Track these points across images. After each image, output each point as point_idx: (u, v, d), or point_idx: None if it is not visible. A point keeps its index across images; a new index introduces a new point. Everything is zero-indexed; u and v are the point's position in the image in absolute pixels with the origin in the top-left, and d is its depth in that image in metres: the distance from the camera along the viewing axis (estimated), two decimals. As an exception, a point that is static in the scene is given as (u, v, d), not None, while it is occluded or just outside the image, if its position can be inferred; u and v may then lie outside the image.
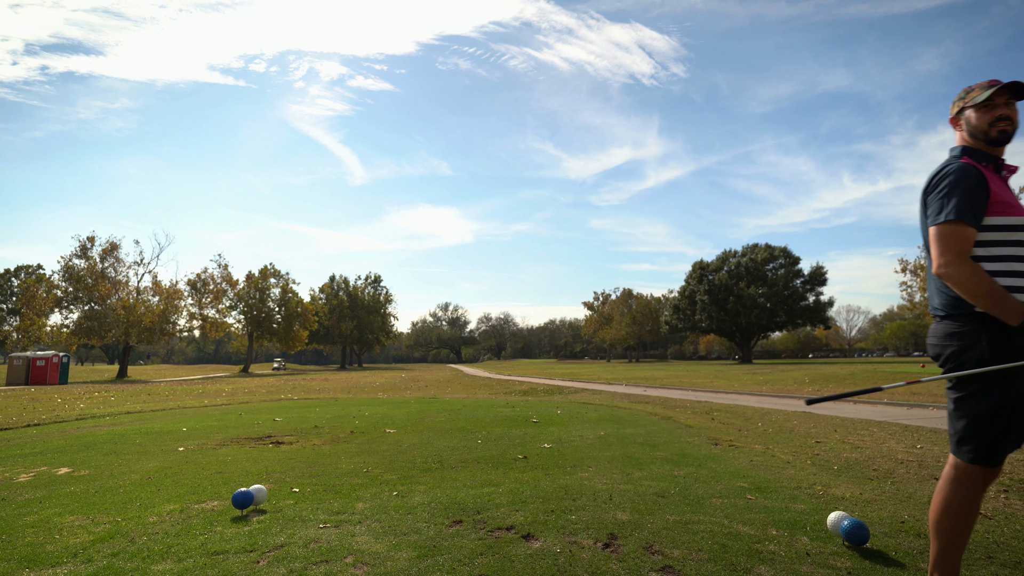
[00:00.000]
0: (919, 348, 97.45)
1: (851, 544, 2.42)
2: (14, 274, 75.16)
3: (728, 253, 62.01)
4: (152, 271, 46.56)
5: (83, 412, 11.45)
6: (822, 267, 57.25)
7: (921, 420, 7.87)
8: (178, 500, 3.47)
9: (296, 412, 10.29)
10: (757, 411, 9.43)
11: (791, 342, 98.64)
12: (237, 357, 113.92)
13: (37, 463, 5.05)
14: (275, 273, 62.25)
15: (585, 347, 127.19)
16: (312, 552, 2.45)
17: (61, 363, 32.25)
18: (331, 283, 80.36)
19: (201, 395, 18.36)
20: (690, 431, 6.59)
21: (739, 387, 17.41)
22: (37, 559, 2.43)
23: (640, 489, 3.59)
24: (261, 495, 3.17)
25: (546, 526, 2.81)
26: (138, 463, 4.92)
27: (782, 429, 6.78)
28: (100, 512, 3.22)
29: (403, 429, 7.16)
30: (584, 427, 7.13)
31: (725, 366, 42.53)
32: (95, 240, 43.24)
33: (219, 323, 52.21)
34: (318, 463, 4.74)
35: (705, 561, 2.29)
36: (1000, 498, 3.31)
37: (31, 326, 41.14)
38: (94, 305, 41.87)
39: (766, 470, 4.19)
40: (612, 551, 2.45)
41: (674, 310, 64.80)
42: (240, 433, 7.03)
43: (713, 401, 12.24)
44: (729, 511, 3.04)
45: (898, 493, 3.46)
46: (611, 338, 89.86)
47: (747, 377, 22.51)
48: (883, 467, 4.31)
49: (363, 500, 3.39)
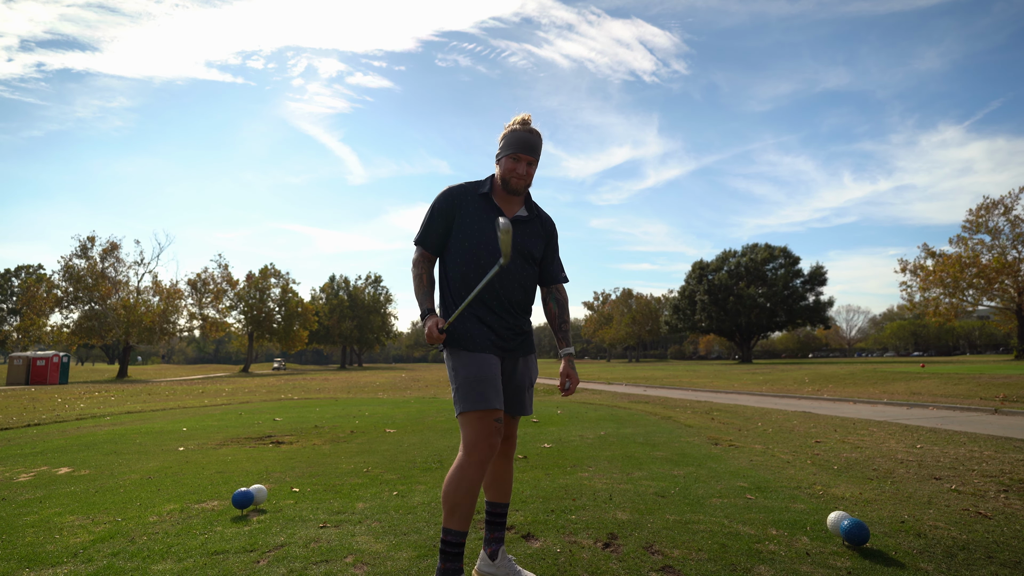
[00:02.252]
0: (919, 348, 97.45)
1: (851, 544, 2.42)
2: (14, 274, 75.20)
3: (728, 253, 62.00)
4: (152, 271, 46.61)
5: (83, 412, 11.45)
6: (822, 267, 57.27)
7: (921, 420, 7.87)
8: (178, 500, 3.47)
9: (296, 412, 10.29)
10: (757, 411, 9.43)
11: (791, 342, 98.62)
12: (237, 357, 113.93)
13: (37, 463, 5.06)
14: (275, 273, 62.25)
15: (585, 347, 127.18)
16: (312, 552, 2.45)
17: (61, 363, 32.26)
18: (331, 283, 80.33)
19: (201, 395, 18.37)
20: (690, 431, 6.59)
21: (739, 387, 17.41)
22: (37, 559, 2.43)
23: (640, 489, 3.60)
24: (261, 495, 3.17)
25: (546, 526, 2.81)
26: (138, 463, 4.92)
27: (782, 429, 6.79)
28: (100, 512, 3.22)
29: (403, 429, 7.16)
30: (584, 427, 7.13)
31: (725, 366, 42.53)
32: (95, 240, 43.26)
33: (219, 323, 52.22)
34: (318, 463, 4.74)
35: (705, 561, 2.29)
36: (1000, 498, 3.31)
37: (31, 326, 41.13)
38: (94, 305, 41.88)
39: (766, 470, 4.19)
40: (612, 551, 2.45)
41: (674, 310, 64.80)
42: (240, 433, 7.03)
43: (713, 401, 12.24)
44: (729, 511, 3.04)
45: (898, 493, 3.46)
46: (611, 338, 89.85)
47: (747, 377, 22.51)
48: (883, 467, 4.31)
49: (363, 500, 3.39)
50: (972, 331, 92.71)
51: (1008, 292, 38.72)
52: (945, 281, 40.01)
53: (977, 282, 39.06)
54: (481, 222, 2.10)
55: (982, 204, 39.23)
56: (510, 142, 2.09)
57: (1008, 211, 38.13)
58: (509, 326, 2.10)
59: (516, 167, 2.08)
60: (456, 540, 1.93)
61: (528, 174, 2.10)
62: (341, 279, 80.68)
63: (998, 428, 6.77)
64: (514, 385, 2.14)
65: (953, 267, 39.11)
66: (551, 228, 2.29)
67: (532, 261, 2.19)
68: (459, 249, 2.10)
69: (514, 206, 2.17)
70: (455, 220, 2.12)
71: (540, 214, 2.26)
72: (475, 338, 2.03)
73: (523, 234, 2.15)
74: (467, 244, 2.08)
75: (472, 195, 2.14)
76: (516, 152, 2.07)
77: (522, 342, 2.17)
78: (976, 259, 38.65)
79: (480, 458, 1.93)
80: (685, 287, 63.28)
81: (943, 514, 2.97)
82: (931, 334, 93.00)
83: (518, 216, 2.15)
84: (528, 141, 2.08)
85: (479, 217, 2.10)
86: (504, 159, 2.10)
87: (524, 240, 2.14)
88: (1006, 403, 9.66)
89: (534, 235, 2.19)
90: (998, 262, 37.59)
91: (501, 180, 2.13)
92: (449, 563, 1.93)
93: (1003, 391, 11.62)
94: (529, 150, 2.08)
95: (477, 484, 1.93)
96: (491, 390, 1.97)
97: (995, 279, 38.08)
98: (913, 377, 16.45)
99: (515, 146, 2.07)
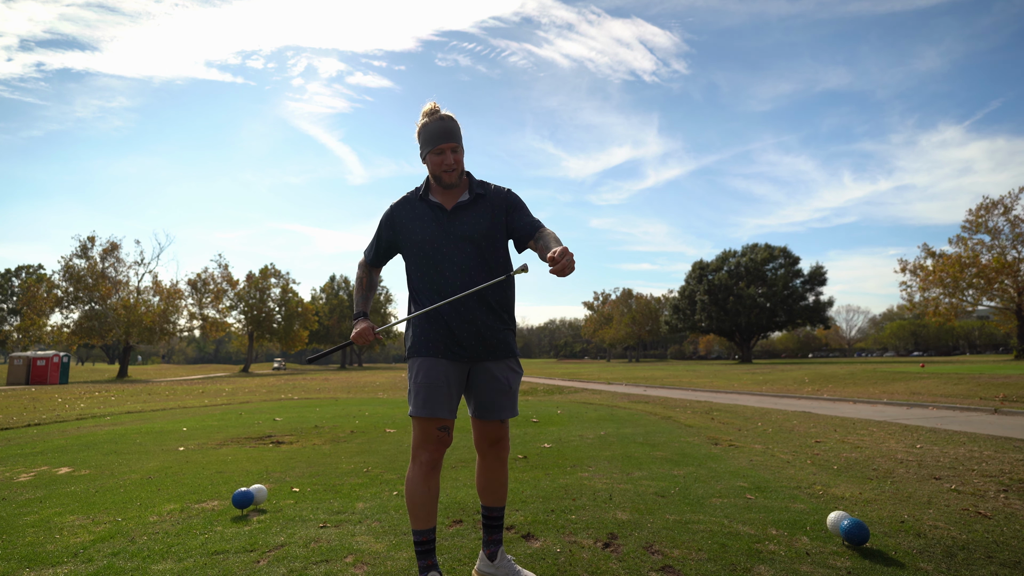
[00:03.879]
0: (919, 348, 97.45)
1: (851, 544, 2.42)
2: (14, 274, 75.20)
3: (728, 253, 62.01)
4: (152, 271, 46.59)
5: (83, 412, 11.45)
6: (822, 267, 57.29)
7: (921, 420, 7.87)
8: (178, 500, 3.48)
9: (296, 412, 10.29)
10: (757, 411, 9.43)
11: (791, 342, 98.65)
12: (237, 357, 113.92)
13: (37, 463, 5.06)
14: (275, 273, 62.24)
15: (585, 347, 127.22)
16: (312, 552, 2.46)
17: (61, 363, 32.26)
18: (331, 283, 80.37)
19: (201, 395, 18.37)
20: (690, 431, 6.59)
21: (739, 387, 17.41)
22: (37, 559, 2.43)
23: (640, 489, 3.60)
24: (261, 495, 3.17)
25: (546, 526, 2.81)
26: (138, 463, 4.92)
27: (782, 429, 6.79)
28: (100, 512, 3.23)
29: (403, 429, 7.16)
30: (584, 427, 7.13)
31: (725, 366, 42.53)
32: (95, 240, 43.25)
33: (219, 323, 52.21)
34: (318, 463, 4.74)
35: (705, 561, 2.30)
36: (1000, 498, 3.31)
37: (32, 326, 41.13)
38: (94, 305, 41.88)
39: (766, 470, 4.19)
40: (612, 551, 2.45)
41: (674, 310, 64.79)
42: (240, 433, 7.03)
43: (713, 401, 12.24)
44: (729, 511, 3.04)
45: (898, 493, 3.46)
46: (611, 338, 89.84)
47: (747, 377, 22.51)
48: (883, 467, 4.31)
49: (363, 500, 3.39)
50: (972, 331, 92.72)
51: (1008, 292, 38.70)
52: (945, 281, 40.00)
53: (977, 282, 39.05)
54: (421, 223, 2.13)
55: (982, 204, 39.22)
56: (427, 138, 2.06)
57: (1008, 211, 38.11)
58: (474, 325, 2.05)
59: (442, 160, 2.05)
60: (419, 538, 2.03)
61: (456, 161, 2.07)
62: (341, 279, 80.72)
63: (998, 428, 6.77)
64: (489, 387, 2.10)
65: (953, 267, 39.10)
66: (504, 198, 2.17)
67: (487, 240, 2.11)
68: (410, 257, 2.18)
69: (454, 196, 2.16)
70: (399, 231, 2.17)
71: (487, 191, 2.17)
72: (432, 344, 2.05)
73: (467, 218, 2.11)
74: (415, 249, 2.13)
75: (411, 202, 2.18)
76: (437, 144, 2.05)
77: (495, 345, 2.09)
78: (976, 259, 38.64)
79: (421, 461, 2.02)
80: (685, 287, 63.28)
81: (943, 514, 2.97)
82: (931, 334, 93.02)
83: (460, 203, 2.13)
84: (443, 129, 2.05)
85: (421, 219, 2.14)
86: (428, 156, 2.08)
87: (468, 223, 2.11)
88: (1006, 403, 9.66)
89: (479, 215, 2.12)
90: (998, 262, 37.58)
91: (433, 177, 2.13)
92: (421, 560, 2.02)
93: (1003, 391, 11.62)
94: (447, 137, 2.05)
95: (420, 485, 2.01)
96: (437, 398, 2.00)
97: (995, 279, 38.07)
98: (913, 377, 16.44)
99: (433, 139, 2.05)
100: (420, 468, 2.02)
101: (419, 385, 2.02)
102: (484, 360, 2.09)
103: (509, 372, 2.14)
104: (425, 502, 2.01)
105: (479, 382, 2.10)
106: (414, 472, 2.03)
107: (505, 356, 2.13)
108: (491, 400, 2.11)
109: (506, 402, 2.13)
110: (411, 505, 2.02)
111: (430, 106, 2.11)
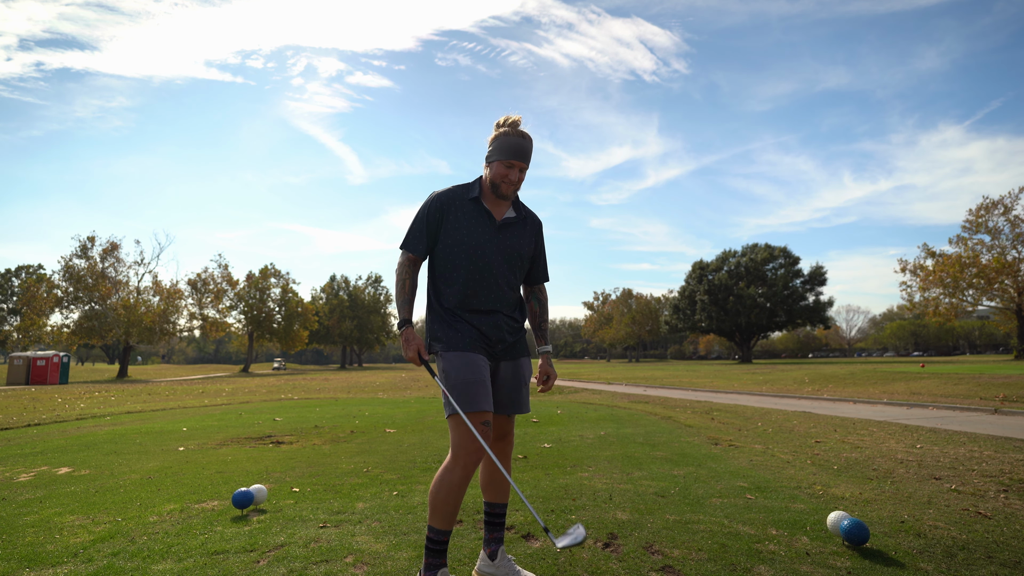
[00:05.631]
0: (919, 348, 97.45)
1: (851, 544, 2.42)
2: (14, 274, 75.19)
3: (728, 253, 62.00)
4: (152, 271, 46.61)
5: (83, 412, 11.45)
6: (822, 267, 57.27)
7: (921, 420, 7.87)
8: (178, 500, 3.48)
9: (296, 412, 10.29)
10: (757, 411, 9.43)
11: (791, 342, 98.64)
12: (237, 357, 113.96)
13: (37, 463, 5.06)
14: (275, 273, 62.25)
15: (585, 347, 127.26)
16: (312, 552, 2.46)
17: (61, 363, 32.27)
18: (331, 283, 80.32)
19: (201, 395, 18.37)
20: (690, 431, 6.59)
21: (739, 387, 17.41)
22: (37, 559, 2.43)
23: (640, 489, 3.60)
24: (261, 495, 3.17)
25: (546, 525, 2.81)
26: (138, 463, 4.92)
27: (782, 429, 6.79)
28: (100, 512, 3.23)
29: (403, 429, 7.16)
30: (584, 427, 7.13)
31: (725, 366, 42.53)
32: (95, 240, 43.27)
33: (219, 323, 52.23)
34: (318, 463, 4.74)
35: (705, 561, 2.30)
36: (1000, 498, 3.31)
37: (31, 326, 41.14)
38: (94, 305, 41.88)
39: (766, 470, 4.19)
40: (612, 551, 2.45)
41: (674, 310, 64.78)
42: (240, 433, 7.03)
43: (713, 401, 12.24)
44: (729, 511, 3.04)
45: (898, 493, 3.46)
46: (611, 338, 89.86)
47: (747, 377, 22.51)
48: (883, 467, 4.31)
49: (363, 500, 3.39)
50: (972, 331, 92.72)
51: (1008, 292, 38.71)
52: (945, 281, 40.00)
53: (977, 282, 39.05)
54: (472, 227, 2.10)
55: (982, 204, 39.23)
56: (504, 148, 2.05)
57: (1008, 211, 38.12)
58: (499, 328, 2.12)
59: (508, 174, 2.07)
60: (438, 538, 1.98)
61: (520, 180, 2.10)
62: (341, 279, 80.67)
63: (998, 428, 6.77)
64: (508, 384, 2.15)
65: (953, 267, 39.10)
66: (538, 228, 2.29)
67: (523, 262, 2.21)
68: (449, 255, 2.10)
69: (503, 209, 2.17)
70: (443, 225, 2.12)
71: (528, 215, 2.25)
72: (465, 340, 2.05)
73: (512, 236, 2.16)
74: (458, 249, 2.08)
75: (461, 200, 2.13)
76: (510, 159, 2.05)
77: (514, 344, 2.18)
78: (976, 259, 38.64)
79: (467, 461, 1.94)
80: (685, 287, 63.27)
81: (943, 514, 2.97)
82: (931, 334, 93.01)
83: (507, 219, 2.16)
84: (522, 148, 2.06)
85: (469, 222, 2.10)
86: (496, 164, 2.08)
87: (514, 242, 2.16)
88: (1006, 403, 9.66)
89: (523, 236, 2.20)
90: (998, 262, 37.59)
91: (491, 184, 2.11)
92: (432, 559, 1.98)
93: (1003, 391, 11.63)
94: (523, 157, 2.07)
95: (461, 487, 1.95)
96: (480, 392, 1.98)
97: (995, 279, 38.07)
98: (913, 377, 16.45)
99: (509, 152, 2.05)
100: (466, 467, 1.93)
101: (463, 382, 1.97)
102: (506, 358, 2.16)
103: (527, 370, 2.23)
104: (459, 504, 1.98)
105: (500, 378, 2.15)
106: (457, 472, 1.93)
107: (525, 354, 2.24)
108: (509, 396, 2.15)
109: (522, 397, 2.19)
110: (444, 506, 1.95)
111: (515, 118, 2.10)
